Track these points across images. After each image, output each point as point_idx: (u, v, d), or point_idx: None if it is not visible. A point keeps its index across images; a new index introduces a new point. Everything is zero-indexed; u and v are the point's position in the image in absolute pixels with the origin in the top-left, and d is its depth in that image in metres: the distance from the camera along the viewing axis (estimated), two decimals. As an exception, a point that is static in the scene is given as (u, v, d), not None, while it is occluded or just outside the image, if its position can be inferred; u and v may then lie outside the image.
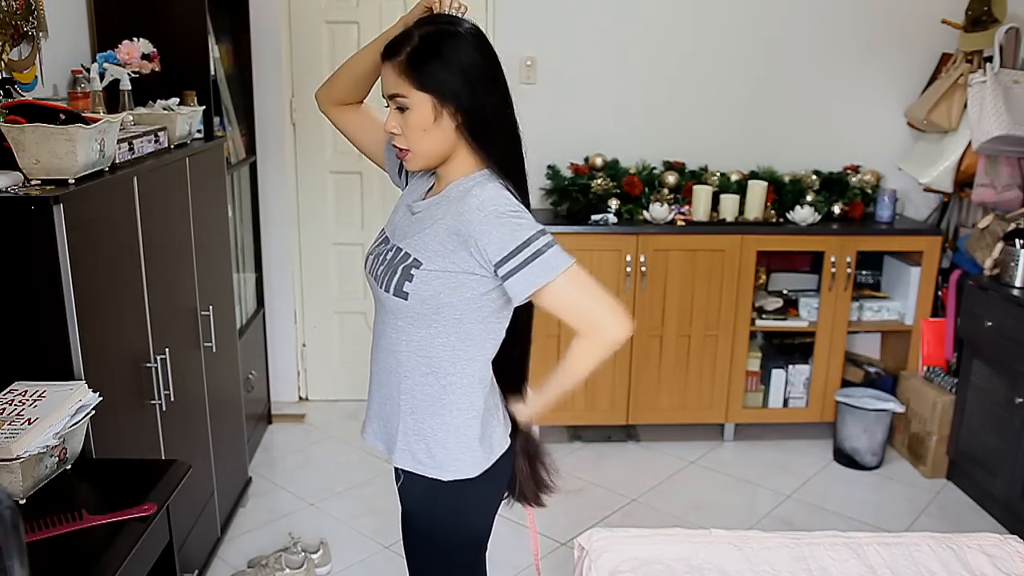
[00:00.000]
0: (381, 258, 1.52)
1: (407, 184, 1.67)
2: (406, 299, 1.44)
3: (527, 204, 1.49)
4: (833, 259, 3.48)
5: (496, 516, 1.64)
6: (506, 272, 1.39)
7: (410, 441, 1.52)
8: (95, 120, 1.77)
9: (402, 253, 1.46)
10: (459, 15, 1.49)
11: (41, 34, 2.27)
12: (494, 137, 1.46)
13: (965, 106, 3.39)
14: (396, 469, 1.58)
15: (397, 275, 1.44)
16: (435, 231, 1.44)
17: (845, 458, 3.51)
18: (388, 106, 1.46)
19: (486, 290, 1.44)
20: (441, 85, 1.40)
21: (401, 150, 1.47)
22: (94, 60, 2.42)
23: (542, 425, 3.59)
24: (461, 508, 1.56)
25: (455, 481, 1.51)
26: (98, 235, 1.81)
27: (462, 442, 1.51)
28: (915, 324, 3.61)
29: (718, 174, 3.64)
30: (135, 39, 2.47)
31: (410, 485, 1.57)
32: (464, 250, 1.40)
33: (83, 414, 1.56)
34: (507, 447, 1.57)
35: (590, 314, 1.42)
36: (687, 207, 3.55)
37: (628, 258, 3.41)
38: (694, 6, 3.66)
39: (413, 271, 1.43)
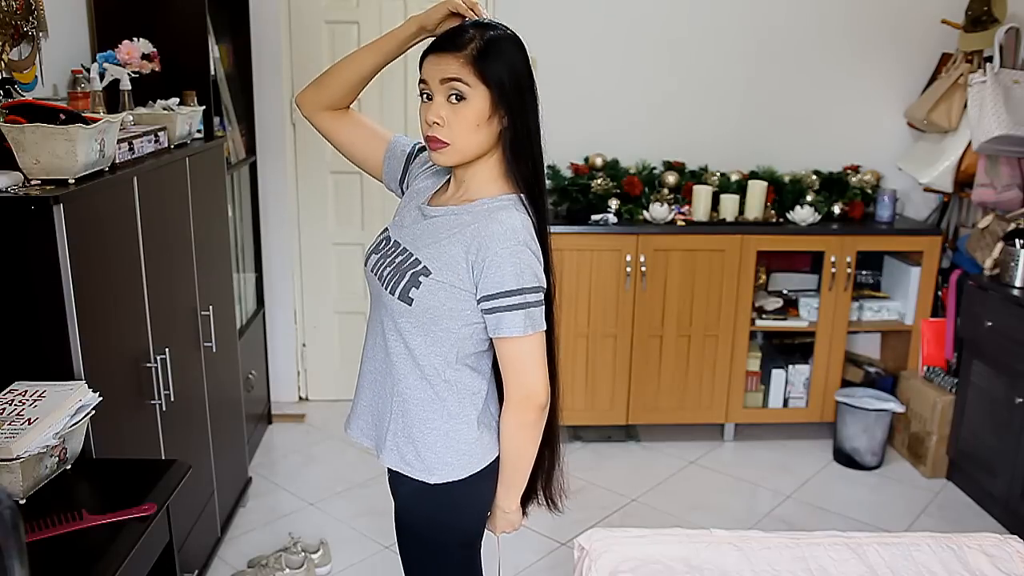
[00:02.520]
0: (388, 259, 1.50)
1: (405, 191, 1.64)
2: (410, 305, 1.43)
3: (545, 228, 1.49)
4: (833, 259, 3.48)
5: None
6: (489, 308, 1.41)
7: (399, 442, 1.52)
8: (95, 120, 1.77)
9: (412, 258, 1.46)
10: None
11: (41, 34, 2.27)
12: (528, 151, 1.46)
13: (965, 106, 3.39)
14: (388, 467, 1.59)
15: (405, 279, 1.44)
16: (451, 243, 1.43)
17: (845, 458, 3.51)
18: (425, 96, 1.42)
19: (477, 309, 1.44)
20: (503, 85, 1.40)
21: (438, 142, 1.42)
22: (94, 60, 2.42)
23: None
24: (450, 508, 1.55)
25: (443, 484, 1.51)
26: (98, 235, 1.81)
27: (451, 447, 1.50)
28: (915, 324, 3.61)
29: (718, 174, 3.64)
30: (135, 39, 2.47)
31: (400, 484, 1.58)
32: (468, 267, 1.41)
33: (83, 414, 1.56)
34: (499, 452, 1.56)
35: (532, 376, 1.44)
36: (687, 207, 3.55)
37: (628, 258, 3.41)
38: (694, 6, 3.66)
39: (422, 278, 1.42)
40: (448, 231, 1.44)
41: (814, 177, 3.64)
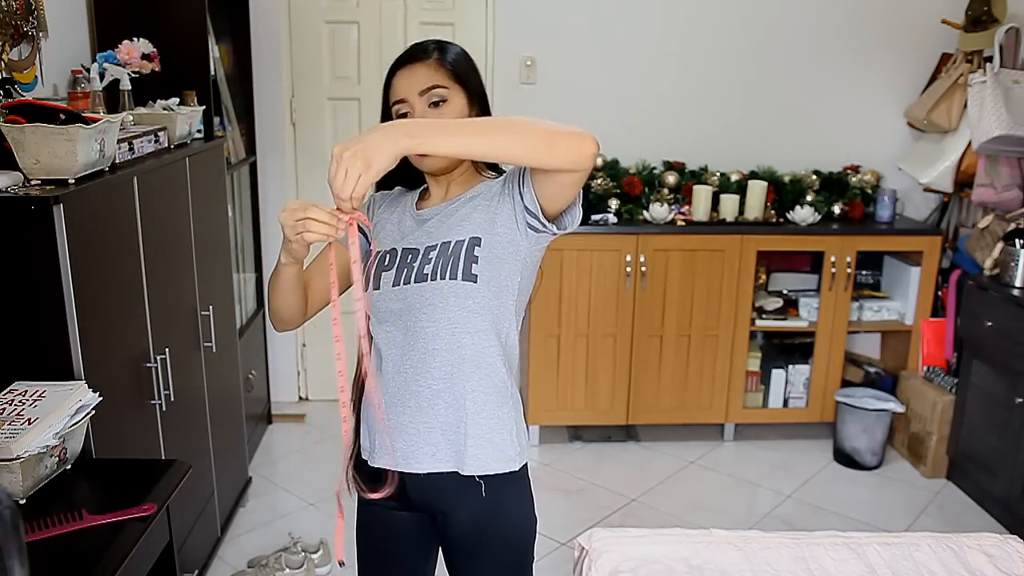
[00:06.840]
0: (422, 261, 1.41)
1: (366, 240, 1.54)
2: (475, 281, 1.37)
3: None
4: (833, 259, 3.48)
5: None
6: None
7: (482, 442, 1.42)
8: (95, 120, 1.77)
9: (453, 243, 1.39)
10: None
11: (41, 34, 2.27)
12: None
13: (965, 106, 3.39)
14: (465, 484, 1.43)
15: (461, 261, 1.38)
16: (478, 209, 1.41)
17: (845, 458, 3.51)
18: (404, 111, 1.41)
19: (526, 244, 1.40)
20: (472, 83, 1.45)
21: None
22: (94, 60, 2.42)
23: (540, 425, 3.59)
24: (528, 489, 1.51)
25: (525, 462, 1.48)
26: (98, 235, 1.81)
27: (521, 412, 1.48)
28: (915, 324, 3.61)
29: (718, 174, 3.64)
30: (135, 39, 2.47)
31: (494, 491, 1.44)
32: (505, 201, 1.39)
33: (83, 414, 1.56)
34: None
35: None
36: (687, 207, 3.55)
37: (628, 258, 3.41)
38: (694, 6, 3.66)
39: (476, 250, 1.38)
40: (469, 209, 1.42)
41: (814, 177, 3.64)
